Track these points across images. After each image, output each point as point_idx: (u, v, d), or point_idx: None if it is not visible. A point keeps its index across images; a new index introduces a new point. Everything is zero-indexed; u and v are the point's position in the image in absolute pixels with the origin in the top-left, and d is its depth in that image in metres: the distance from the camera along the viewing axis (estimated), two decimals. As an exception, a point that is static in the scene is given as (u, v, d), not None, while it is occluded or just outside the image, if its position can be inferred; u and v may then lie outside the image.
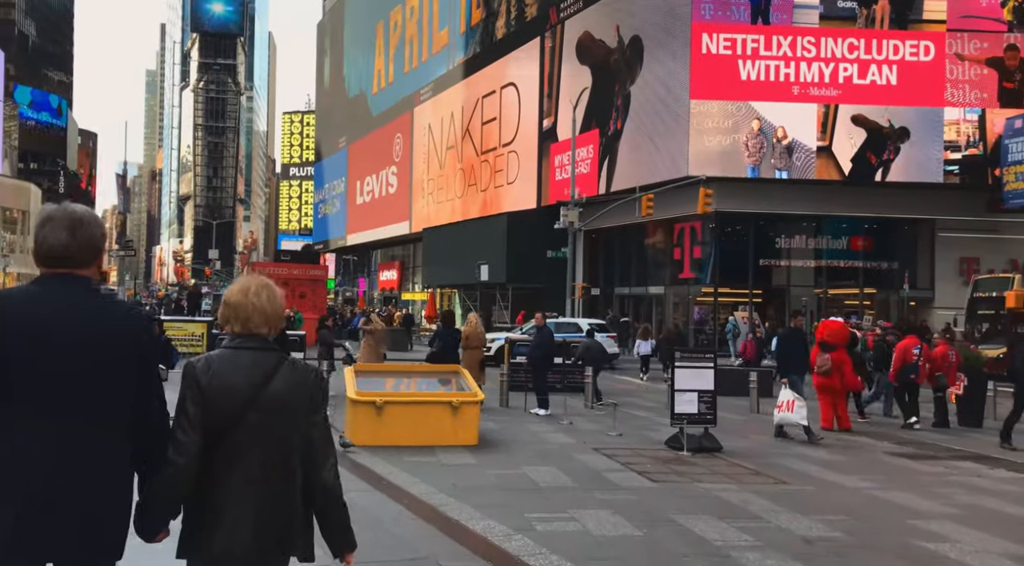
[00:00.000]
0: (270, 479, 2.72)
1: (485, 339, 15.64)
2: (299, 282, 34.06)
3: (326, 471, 2.85)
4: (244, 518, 2.67)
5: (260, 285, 2.96)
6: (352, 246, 71.94)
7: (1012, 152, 21.50)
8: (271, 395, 2.75)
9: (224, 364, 2.80)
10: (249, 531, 2.67)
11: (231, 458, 2.70)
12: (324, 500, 2.86)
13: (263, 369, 2.79)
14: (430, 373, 11.74)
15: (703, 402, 10.85)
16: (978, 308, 29.14)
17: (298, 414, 2.80)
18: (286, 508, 2.75)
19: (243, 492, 2.69)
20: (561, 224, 30.42)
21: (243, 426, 2.70)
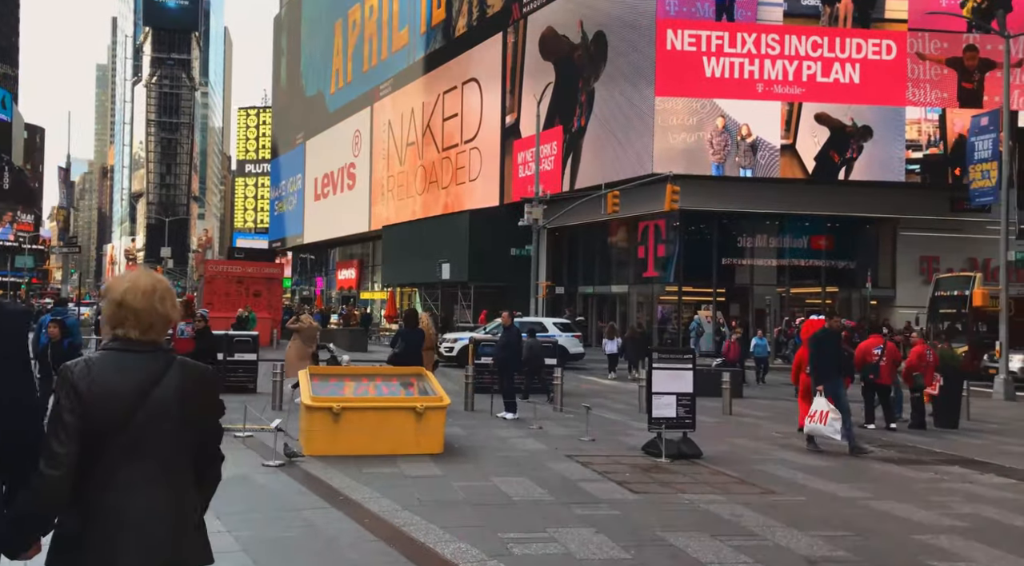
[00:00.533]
0: (159, 486, 2.57)
1: (436, 340, 14.92)
2: (254, 280, 32.97)
3: (211, 476, 2.80)
4: (129, 529, 2.49)
5: (164, 290, 2.72)
6: (309, 244, 70.57)
7: (978, 150, 21.37)
8: (159, 399, 2.57)
9: (106, 368, 2.57)
10: (135, 542, 2.49)
11: (115, 466, 2.53)
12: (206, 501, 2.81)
13: (150, 372, 2.59)
14: (392, 376, 10.98)
15: (682, 406, 10.28)
16: (939, 307, 29.17)
17: (189, 418, 2.62)
18: (178, 515, 2.60)
19: (129, 501, 2.52)
20: (525, 221, 29.80)
21: (130, 432, 2.53)
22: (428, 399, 9.98)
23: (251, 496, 7.43)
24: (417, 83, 51.33)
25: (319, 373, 10.70)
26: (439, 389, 10.37)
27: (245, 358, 17.12)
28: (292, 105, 75.86)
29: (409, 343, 12.98)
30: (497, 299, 36.15)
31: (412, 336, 13.24)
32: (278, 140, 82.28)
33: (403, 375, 10.96)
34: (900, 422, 14.10)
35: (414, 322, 13.14)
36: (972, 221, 35.29)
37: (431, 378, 10.69)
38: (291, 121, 75.71)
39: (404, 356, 12.61)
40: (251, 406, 12.57)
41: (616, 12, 34.60)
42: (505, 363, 13.87)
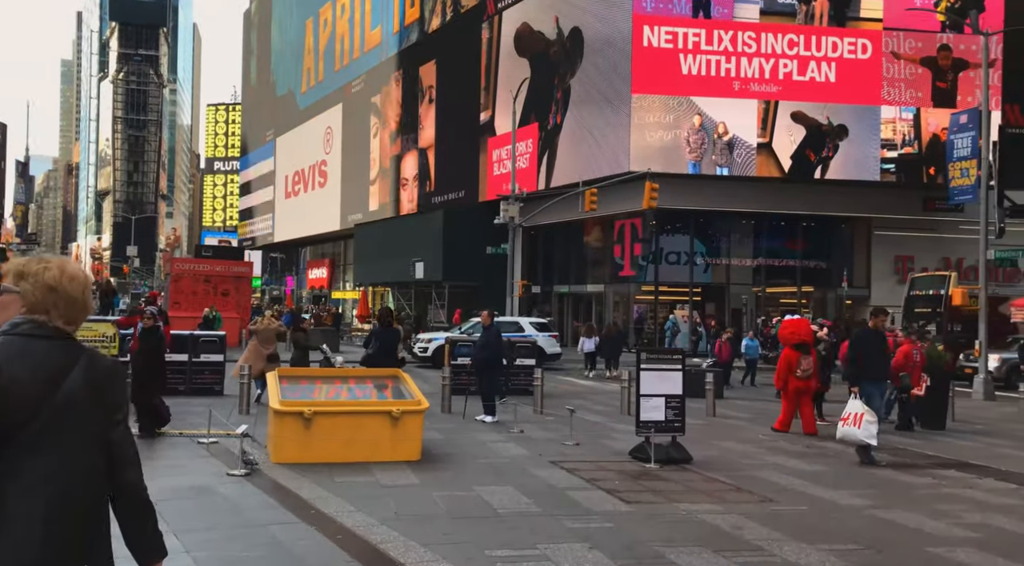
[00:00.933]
0: (62, 484, 2.37)
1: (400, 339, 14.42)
2: (222, 279, 32.09)
3: (130, 471, 2.51)
4: (32, 528, 2.30)
5: (88, 281, 2.56)
6: (280, 243, 69.50)
7: (957, 148, 21.23)
8: (67, 392, 2.39)
9: (11, 356, 2.35)
10: (38, 542, 2.30)
11: (17, 462, 2.34)
12: (128, 502, 2.50)
13: (59, 362, 2.41)
14: (366, 378, 10.42)
15: (671, 408, 9.84)
16: (915, 306, 29.13)
17: (97, 412, 2.44)
18: (81, 515, 2.39)
19: (31, 500, 2.32)
20: (501, 219, 29.28)
21: (33, 426, 2.34)
22: (405, 403, 9.44)
23: (212, 510, 6.85)
24: (390, 80, 50.60)
25: (289, 376, 10.11)
26: (416, 392, 9.83)
27: (212, 359, 16.47)
28: (262, 102, 74.71)
29: (384, 343, 12.44)
30: (471, 299, 35.61)
31: (387, 336, 12.69)
32: (248, 137, 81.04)
33: (378, 377, 10.40)
34: (886, 423, 13.79)
35: (389, 321, 12.61)
36: (945, 221, 35.42)
37: (408, 380, 10.14)
38: (261, 117, 74.56)
39: (379, 357, 12.06)
40: (217, 409, 11.96)
41: (592, 8, 34.21)
42: (485, 364, 13.35)
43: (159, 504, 2.69)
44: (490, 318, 13.64)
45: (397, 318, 33.25)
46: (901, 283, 34.90)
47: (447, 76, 44.06)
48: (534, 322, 26.18)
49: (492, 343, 13.43)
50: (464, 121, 41.98)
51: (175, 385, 16.00)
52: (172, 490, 7.25)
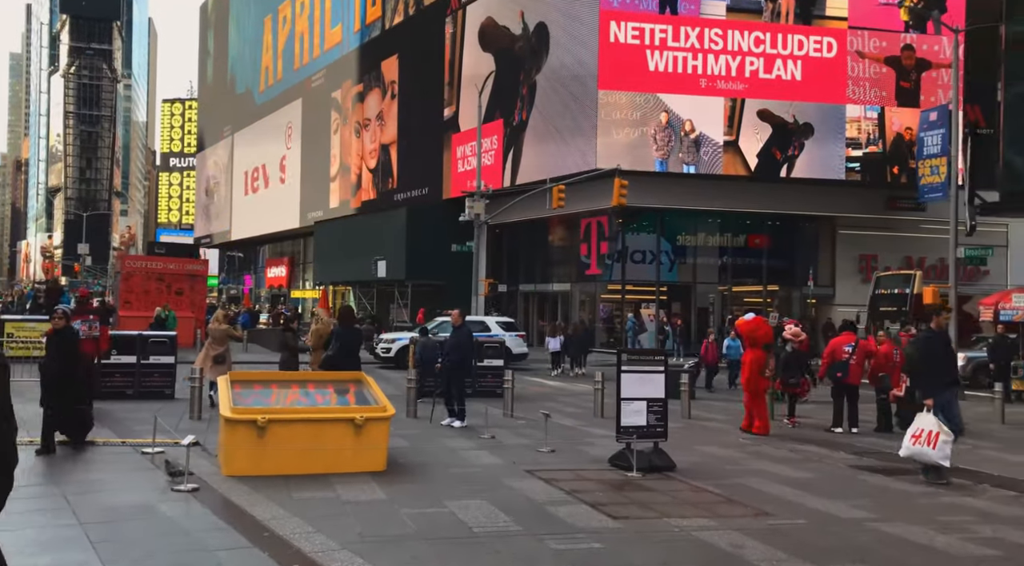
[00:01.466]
0: None
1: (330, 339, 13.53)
2: (176, 277, 30.97)
3: None
4: None
5: None
6: (237, 241, 67.95)
7: (927, 145, 21.06)
8: None
9: None
10: None
11: None
12: None
13: None
14: (326, 382, 9.68)
15: (652, 412, 9.27)
16: (880, 305, 29.07)
17: None
18: None
19: None
20: (466, 216, 28.57)
21: None
22: (369, 409, 8.74)
23: (152, 534, 6.09)
24: (351, 75, 49.58)
25: (242, 380, 9.33)
26: (381, 397, 9.12)
27: (162, 361, 15.58)
28: (219, 97, 73.04)
29: (345, 344, 11.70)
30: (435, 298, 34.89)
31: (348, 336, 11.95)
32: (205, 133, 79.22)
33: (339, 381, 9.67)
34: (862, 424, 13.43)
35: (350, 320, 11.87)
36: (908, 220, 35.56)
37: (371, 384, 9.43)
38: (218, 113, 72.89)
39: (339, 359, 11.32)
40: (166, 415, 11.15)
41: (558, 3, 33.68)
42: (455, 366, 12.67)
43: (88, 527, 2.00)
44: (461, 318, 12.96)
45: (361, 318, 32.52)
46: (865, 282, 34.91)
47: (409, 71, 43.23)
48: (501, 321, 25.55)
49: (464, 344, 12.76)
50: (427, 117, 41.20)
51: (122, 389, 15.16)
52: (107, 510, 6.49)
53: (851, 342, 13.31)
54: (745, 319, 13.72)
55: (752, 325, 13.35)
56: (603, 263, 34.32)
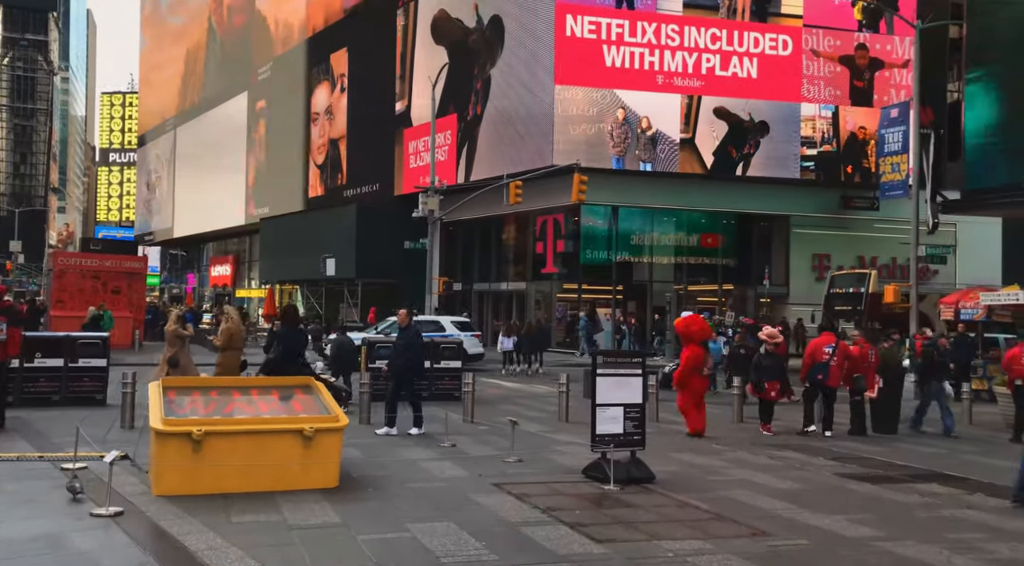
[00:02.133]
0: None
1: (244, 338, 12.36)
2: (112, 275, 29.45)
3: None
4: None
5: None
6: (180, 238, 65.82)
7: (888, 142, 20.87)
8: None
9: None
10: None
11: None
12: None
13: None
14: (271, 388, 8.76)
15: (630, 419, 8.58)
16: (834, 304, 28.97)
17: None
18: None
19: None
20: (420, 212, 27.64)
21: None
22: (319, 419, 7.87)
23: (63, 573, 5.17)
24: (299, 68, 48.18)
25: (177, 386, 8.37)
26: (333, 405, 8.25)
27: (92, 364, 14.43)
28: (161, 89, 70.71)
29: (289, 347, 10.75)
30: (386, 297, 33.89)
31: (292, 338, 10.99)
32: (145, 127, 76.67)
33: (286, 387, 8.76)
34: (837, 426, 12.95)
35: (295, 320, 10.95)
36: (860, 219, 35.67)
37: (322, 390, 8.55)
38: (160, 106, 70.56)
39: (283, 362, 10.39)
40: (93, 425, 10.11)
41: (513, -5, 32.96)
42: (406, 369, 11.87)
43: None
44: (408, 317, 12.08)
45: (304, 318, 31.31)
46: (819, 281, 34.91)
47: (360, 64, 42.07)
48: (456, 321, 24.74)
49: (413, 345, 11.89)
50: (378, 111, 40.13)
51: (48, 395, 13.99)
52: (9, 543, 5.53)
53: (831, 343, 12.82)
54: (681, 317, 13.55)
55: (685, 322, 13.05)
56: (560, 261, 33.69)
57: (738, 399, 14.15)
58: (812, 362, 12.96)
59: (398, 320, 12.20)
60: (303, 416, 7.99)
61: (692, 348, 12.35)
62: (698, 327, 12.77)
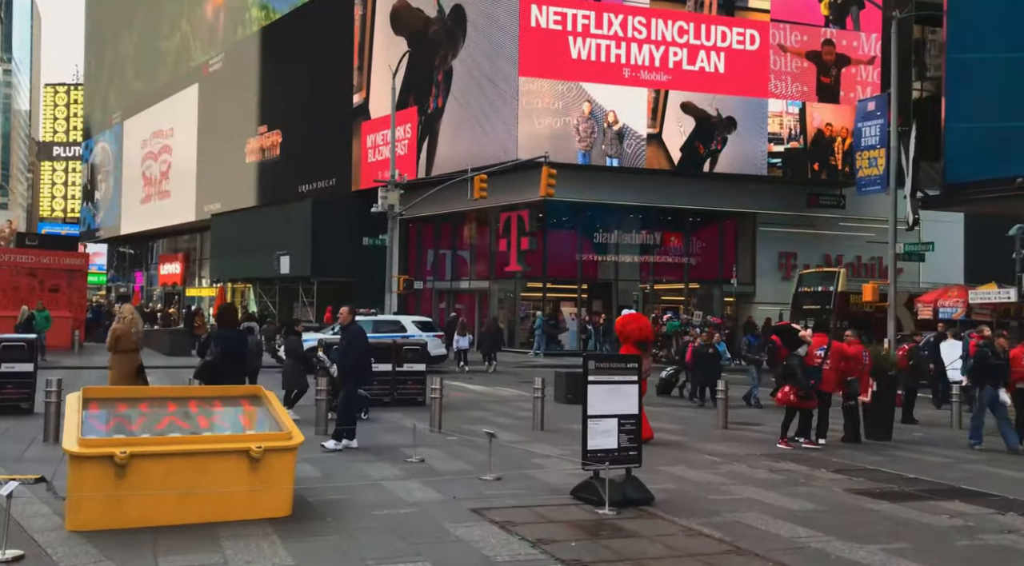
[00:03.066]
0: None
1: (139, 339, 10.99)
2: (50, 272, 27.75)
3: None
4: None
5: None
6: (128, 235, 63.42)
7: (865, 136, 20.28)
8: None
9: None
10: None
11: None
12: None
13: None
14: (212, 399, 7.59)
15: (625, 432, 7.59)
16: (803, 303, 28.48)
17: None
18: None
19: None
20: (379, 208, 26.41)
21: None
22: (269, 436, 6.74)
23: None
24: (253, 57, 46.48)
25: (100, 397, 7.15)
26: (286, 419, 7.11)
27: (17, 369, 13.04)
28: (108, 81, 68.15)
29: (228, 349, 9.44)
30: (344, 296, 32.51)
31: (231, 340, 9.60)
32: (92, 119, 73.92)
33: (231, 398, 7.59)
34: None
35: (233, 319, 9.72)
36: (826, 218, 35.33)
37: (273, 402, 7.40)
38: (107, 97, 68.01)
39: (221, 367, 9.15)
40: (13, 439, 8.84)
41: (476, -16, 31.87)
42: (347, 373, 10.49)
43: None
44: (351, 315, 10.79)
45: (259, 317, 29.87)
46: (785, 280, 34.48)
47: (316, 55, 40.59)
48: (417, 321, 23.60)
49: (356, 345, 10.54)
50: (335, 104, 38.74)
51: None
52: None
53: (823, 345, 12.02)
54: (621, 314, 12.77)
55: (622, 321, 12.28)
56: (523, 259, 32.71)
57: (722, 404, 13.30)
58: (804, 366, 12.16)
59: (340, 318, 10.90)
60: (251, 433, 6.85)
61: (627, 349, 11.56)
62: (635, 327, 11.96)
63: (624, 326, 12.03)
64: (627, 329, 11.88)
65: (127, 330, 10.07)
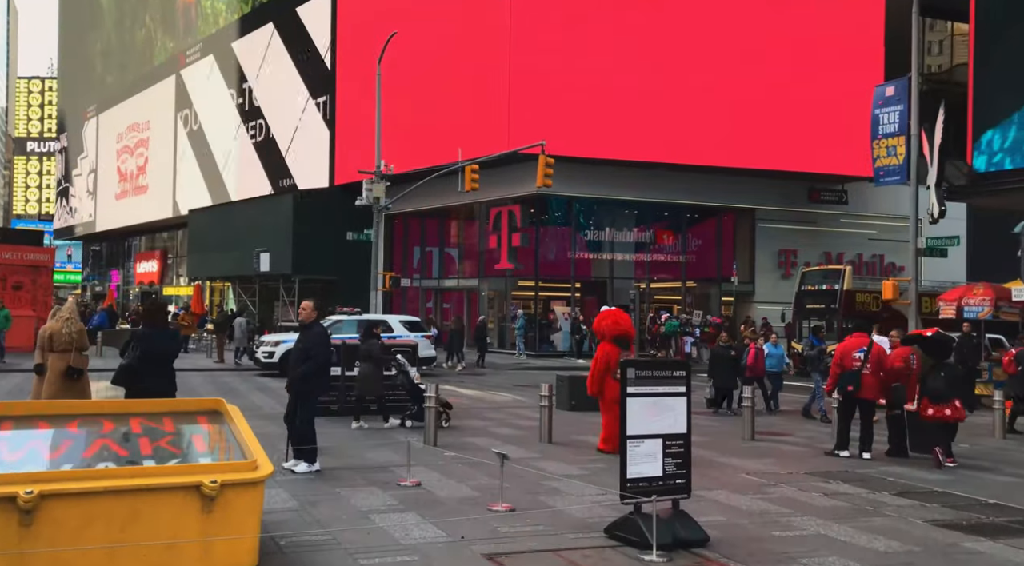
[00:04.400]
0: None
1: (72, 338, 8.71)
2: (13, 269, 26.07)
3: None
4: None
5: None
6: (104, 232, 61.44)
7: (883, 123, 18.99)
8: None
9: None
10: None
11: None
12: None
13: None
14: (160, 415, 6.07)
15: (671, 456, 6.18)
16: (806, 302, 27.25)
17: None
18: None
19: None
20: (364, 200, 24.87)
21: None
22: (228, 467, 5.25)
23: None
24: (231, 47, 44.74)
25: (15, 414, 5.65)
26: (251, 442, 5.59)
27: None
28: (83, 74, 66.10)
29: (150, 351, 7.70)
30: (327, 295, 31.07)
31: (158, 339, 7.88)
32: (66, 113, 71.78)
33: (183, 414, 6.07)
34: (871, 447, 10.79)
35: (161, 317, 8.11)
36: (827, 214, 34.18)
37: (235, 419, 5.90)
38: (82, 90, 65.94)
39: (145, 373, 7.58)
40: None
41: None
42: (304, 381, 8.46)
43: None
44: (315, 312, 8.89)
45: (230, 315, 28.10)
46: (784, 278, 33.30)
47: (294, 43, 38.96)
48: (405, 321, 22.09)
49: (314, 349, 8.47)
50: (316, 93, 37.14)
51: None
52: None
53: (863, 346, 10.67)
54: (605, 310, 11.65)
55: (599, 317, 11.36)
56: (514, 256, 31.28)
57: (748, 412, 11.93)
58: (841, 370, 10.81)
59: (301, 314, 9.00)
60: (204, 463, 5.37)
61: (602, 346, 10.71)
62: (609, 322, 10.83)
63: (599, 323, 11.14)
64: (601, 326, 10.96)
65: (58, 328, 8.51)
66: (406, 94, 30.97)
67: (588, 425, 11.86)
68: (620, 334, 10.59)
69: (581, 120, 27.75)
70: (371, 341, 12.47)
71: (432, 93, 30.87)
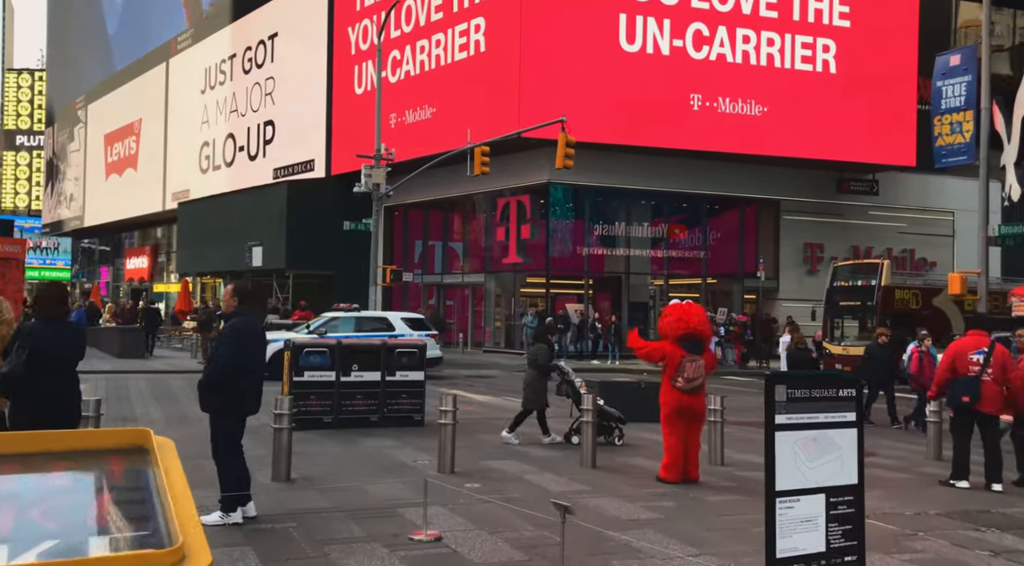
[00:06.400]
0: None
1: None
2: (-23, 262, 23.85)
3: None
4: None
5: None
6: (93, 227, 59.35)
7: (946, 97, 16.96)
8: None
9: None
10: None
11: None
12: None
13: None
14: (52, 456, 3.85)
15: (837, 520, 4.08)
16: (838, 299, 25.20)
17: None
18: None
19: None
20: (362, 187, 22.78)
21: None
22: (135, 559, 3.08)
23: None
24: (223, 33, 42.64)
25: None
26: (180, 504, 3.41)
27: None
28: (71, 65, 63.99)
29: (43, 352, 5.44)
30: (323, 290, 29.08)
31: (54, 337, 5.58)
32: (54, 105, 69.68)
33: (89, 453, 3.88)
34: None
35: (56, 310, 5.85)
36: (855, 205, 32.26)
37: (164, 460, 3.72)
38: (70, 82, 63.85)
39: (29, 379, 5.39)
40: None
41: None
42: (214, 389, 6.29)
43: None
44: (234, 300, 6.58)
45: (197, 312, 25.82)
46: (810, 274, 31.38)
47: (290, 26, 36.89)
48: (407, 318, 20.00)
49: (218, 350, 6.40)
50: (312, 79, 35.10)
51: None
52: None
53: (982, 347, 8.59)
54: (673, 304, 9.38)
55: (661, 315, 9.17)
56: (524, 250, 29.23)
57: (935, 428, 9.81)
58: (952, 376, 8.71)
59: (223, 303, 6.99)
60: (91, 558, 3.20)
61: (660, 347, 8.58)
62: (671, 319, 8.59)
63: (662, 323, 8.87)
64: (663, 324, 8.74)
65: None
66: (409, 80, 28.94)
67: (630, 440, 9.81)
68: (687, 334, 8.41)
69: (595, 104, 25.66)
70: (540, 346, 10.85)
71: (437, 76, 28.80)
